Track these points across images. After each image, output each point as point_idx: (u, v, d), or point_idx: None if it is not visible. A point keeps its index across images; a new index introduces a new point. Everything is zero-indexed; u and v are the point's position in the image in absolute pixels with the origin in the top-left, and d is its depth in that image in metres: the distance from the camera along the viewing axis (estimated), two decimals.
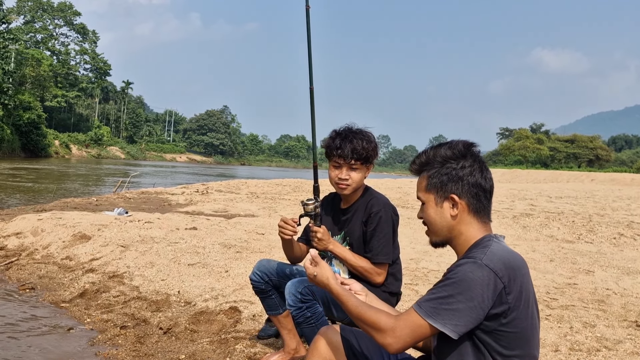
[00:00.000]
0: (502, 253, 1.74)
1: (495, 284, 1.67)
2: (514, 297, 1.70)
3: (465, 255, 1.80)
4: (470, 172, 1.86)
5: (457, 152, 1.89)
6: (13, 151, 58.29)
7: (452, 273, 1.71)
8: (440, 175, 1.87)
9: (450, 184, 1.86)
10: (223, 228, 7.76)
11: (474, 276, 1.66)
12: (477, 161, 1.89)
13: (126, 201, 13.00)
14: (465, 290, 1.66)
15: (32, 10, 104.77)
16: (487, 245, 1.77)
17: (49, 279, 5.33)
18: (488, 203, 1.89)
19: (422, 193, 1.93)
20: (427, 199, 1.91)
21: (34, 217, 7.69)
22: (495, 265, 1.69)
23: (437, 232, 1.92)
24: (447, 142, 1.94)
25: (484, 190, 1.87)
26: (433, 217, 1.90)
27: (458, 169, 1.86)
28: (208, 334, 3.88)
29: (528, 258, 6.79)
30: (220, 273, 5.23)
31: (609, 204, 14.97)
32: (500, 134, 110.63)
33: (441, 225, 1.89)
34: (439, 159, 1.90)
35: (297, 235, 3.06)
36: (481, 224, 1.87)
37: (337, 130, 3.01)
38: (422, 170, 1.94)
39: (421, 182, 1.94)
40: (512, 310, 1.70)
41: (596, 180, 44.31)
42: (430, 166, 1.91)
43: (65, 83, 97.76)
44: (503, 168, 73.22)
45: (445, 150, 1.90)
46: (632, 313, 4.49)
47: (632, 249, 8.08)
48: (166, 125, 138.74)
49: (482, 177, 1.87)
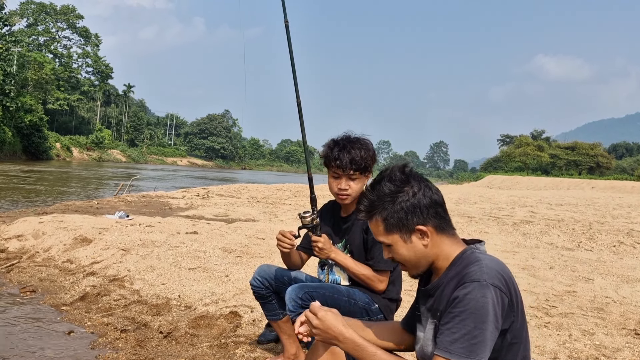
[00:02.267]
0: (494, 265, 1.71)
1: (503, 301, 1.65)
2: (516, 308, 1.70)
3: (453, 273, 1.75)
4: (422, 195, 1.78)
5: (398, 182, 1.80)
6: (14, 153, 58.32)
7: (463, 303, 1.64)
8: (397, 213, 1.78)
9: (410, 216, 1.77)
10: (224, 232, 7.77)
11: (486, 300, 1.61)
12: (420, 180, 1.83)
13: (127, 205, 13.02)
14: (484, 317, 1.60)
15: (35, 13, 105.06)
16: (478, 260, 1.73)
17: (49, 282, 5.35)
18: (447, 214, 1.83)
19: (383, 237, 1.83)
20: (392, 240, 1.82)
21: (35, 220, 7.70)
22: (497, 281, 1.65)
23: (416, 266, 1.85)
24: (381, 177, 1.85)
25: (440, 205, 1.81)
26: (407, 255, 1.82)
27: (410, 199, 1.78)
28: (208, 338, 3.90)
29: (528, 265, 6.80)
30: (221, 277, 5.24)
31: (609, 212, 14.98)
32: (501, 141, 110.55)
33: (417, 258, 1.82)
34: (386, 197, 1.80)
35: (295, 246, 3.08)
36: (451, 237, 1.83)
37: (335, 139, 3.00)
38: (373, 214, 1.83)
39: (377, 226, 1.83)
40: (515, 322, 1.70)
41: (597, 187, 44.31)
42: (380, 207, 1.81)
43: (67, 86, 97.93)
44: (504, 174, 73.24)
45: (387, 185, 1.81)
46: (631, 321, 4.50)
47: (632, 257, 8.08)
48: (167, 128, 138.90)
49: (432, 193, 1.81)
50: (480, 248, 1.82)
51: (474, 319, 1.60)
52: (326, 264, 3.13)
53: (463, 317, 1.62)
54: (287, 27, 3.32)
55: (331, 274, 3.10)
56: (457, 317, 1.63)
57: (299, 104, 3.21)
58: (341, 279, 3.05)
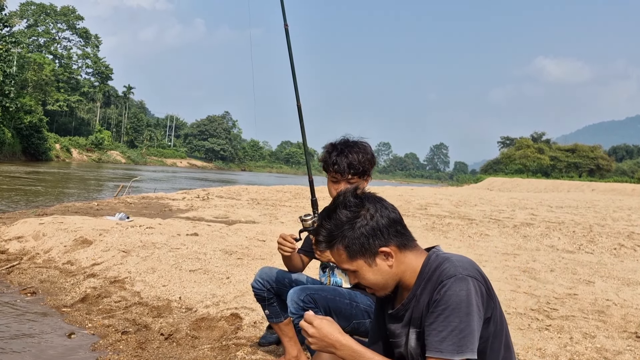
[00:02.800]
0: (462, 258, 1.74)
1: (481, 290, 1.67)
2: (493, 295, 1.72)
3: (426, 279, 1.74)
4: (380, 216, 1.76)
5: (353, 207, 1.77)
6: (14, 154, 58.30)
7: (444, 300, 1.64)
8: (357, 239, 1.75)
9: (371, 240, 1.74)
10: (224, 234, 7.77)
11: (466, 292, 1.63)
12: (374, 200, 1.80)
13: (127, 206, 13.02)
14: (467, 309, 1.62)
15: (35, 14, 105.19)
16: (446, 258, 1.74)
17: (50, 284, 5.35)
18: (406, 230, 1.81)
19: (348, 264, 1.79)
20: (357, 266, 1.78)
21: (35, 221, 7.70)
22: (472, 272, 1.68)
23: (384, 288, 1.82)
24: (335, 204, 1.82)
25: (398, 222, 1.79)
26: (373, 278, 1.79)
27: (368, 221, 1.75)
28: (209, 340, 3.90)
29: (528, 268, 6.80)
30: (222, 279, 5.24)
31: (610, 214, 14.98)
32: (501, 143, 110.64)
33: (384, 280, 1.80)
34: (345, 225, 1.76)
35: (296, 250, 3.07)
36: (414, 251, 1.81)
37: (333, 143, 2.98)
38: (333, 244, 1.79)
39: (339, 254, 1.79)
40: (495, 309, 1.72)
41: (597, 190, 44.33)
42: (339, 236, 1.77)
43: (67, 87, 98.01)
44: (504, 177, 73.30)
45: (343, 212, 1.77)
46: (632, 324, 4.50)
47: (633, 260, 8.08)
48: (167, 130, 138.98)
49: (389, 212, 1.79)
50: (439, 249, 1.83)
51: (457, 314, 1.61)
52: (327, 266, 3.13)
53: (447, 314, 1.63)
54: (287, 31, 3.32)
55: (333, 276, 3.10)
56: (441, 315, 1.64)
57: (299, 107, 3.21)
58: (343, 282, 3.05)
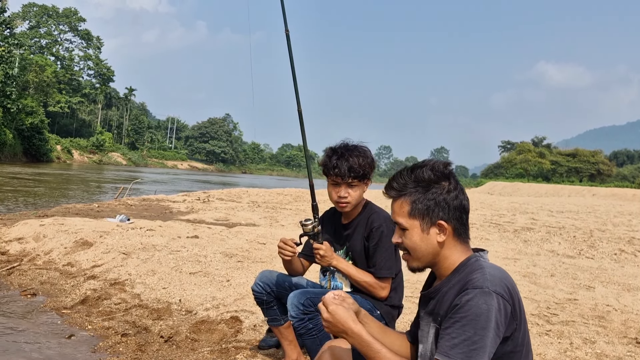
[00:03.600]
0: (497, 273, 1.71)
1: (506, 309, 1.64)
2: (519, 316, 1.70)
3: (457, 279, 1.75)
4: (455, 196, 1.78)
5: (439, 173, 1.80)
6: (15, 155, 58.40)
7: (464, 309, 1.63)
8: (427, 201, 1.77)
9: (437, 209, 1.77)
10: (224, 237, 7.77)
11: (488, 307, 1.61)
12: (457, 182, 1.82)
13: (128, 208, 13.02)
14: (485, 323, 1.60)
15: (37, 16, 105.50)
16: (481, 267, 1.73)
17: (50, 285, 5.35)
18: (468, 223, 1.83)
19: (404, 219, 1.81)
20: (411, 225, 1.80)
21: (36, 223, 7.71)
22: (500, 289, 1.65)
23: (421, 259, 1.83)
24: (423, 163, 1.84)
25: (466, 212, 1.81)
26: (418, 244, 1.80)
27: (444, 194, 1.77)
28: (209, 343, 3.89)
29: (529, 272, 6.80)
30: (222, 282, 5.24)
31: (610, 220, 14.96)
32: (502, 147, 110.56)
33: (426, 251, 1.81)
34: (422, 182, 1.79)
35: (296, 254, 3.08)
36: (464, 245, 1.82)
37: (333, 147, 3.01)
38: (402, 194, 1.82)
39: (402, 207, 1.81)
40: (517, 330, 1.69)
41: (597, 195, 44.30)
42: (413, 190, 1.80)
43: (69, 88, 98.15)
44: (504, 181, 73.21)
45: (427, 172, 1.79)
46: (632, 330, 4.49)
47: (633, 265, 8.07)
48: (168, 132, 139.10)
49: (464, 199, 1.81)
50: (484, 256, 1.82)
51: (474, 325, 1.60)
52: (328, 270, 3.13)
53: (464, 323, 1.62)
54: (288, 36, 3.32)
55: (333, 280, 3.10)
56: (458, 322, 1.63)
57: (300, 112, 3.22)
58: (343, 285, 3.05)
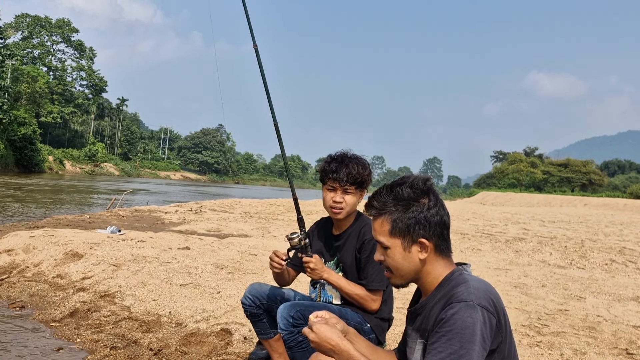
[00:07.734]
0: (481, 286, 1.72)
1: (491, 321, 1.65)
2: (504, 329, 1.70)
3: (441, 293, 1.76)
4: (435, 212, 1.79)
5: (418, 191, 1.81)
6: (7, 166, 58.14)
7: (449, 322, 1.64)
8: (407, 219, 1.78)
9: (417, 227, 1.77)
10: (216, 248, 7.74)
11: (473, 320, 1.62)
12: (437, 197, 1.83)
13: (119, 219, 12.96)
14: (470, 336, 1.61)
15: (30, 26, 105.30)
16: (465, 281, 1.74)
17: (39, 298, 5.30)
18: (449, 238, 1.84)
19: (385, 237, 1.82)
20: (392, 243, 1.81)
21: (26, 234, 7.65)
22: (485, 302, 1.66)
23: (404, 276, 1.84)
24: (402, 181, 1.85)
25: (447, 227, 1.82)
26: (400, 262, 1.82)
27: (424, 211, 1.78)
28: (199, 355, 3.86)
29: (520, 283, 6.80)
30: (212, 294, 5.21)
31: (602, 229, 15.03)
32: (494, 157, 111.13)
33: (409, 269, 1.82)
34: (402, 201, 1.80)
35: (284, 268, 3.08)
36: (446, 259, 1.83)
37: (333, 155, 3.03)
38: (382, 213, 1.83)
39: (383, 225, 1.82)
40: (503, 342, 1.70)
41: (589, 204, 44.51)
42: (393, 209, 1.81)
43: (61, 99, 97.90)
44: (497, 191, 73.48)
45: (406, 190, 1.80)
46: (622, 340, 4.50)
47: (624, 275, 8.10)
48: (161, 142, 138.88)
49: (445, 214, 1.82)
50: (468, 270, 1.83)
51: (460, 339, 1.60)
52: (318, 282, 3.12)
53: (449, 337, 1.62)
54: (257, 51, 3.35)
55: (323, 292, 3.09)
56: (444, 336, 1.64)
57: (277, 126, 3.23)
58: (333, 298, 3.04)
